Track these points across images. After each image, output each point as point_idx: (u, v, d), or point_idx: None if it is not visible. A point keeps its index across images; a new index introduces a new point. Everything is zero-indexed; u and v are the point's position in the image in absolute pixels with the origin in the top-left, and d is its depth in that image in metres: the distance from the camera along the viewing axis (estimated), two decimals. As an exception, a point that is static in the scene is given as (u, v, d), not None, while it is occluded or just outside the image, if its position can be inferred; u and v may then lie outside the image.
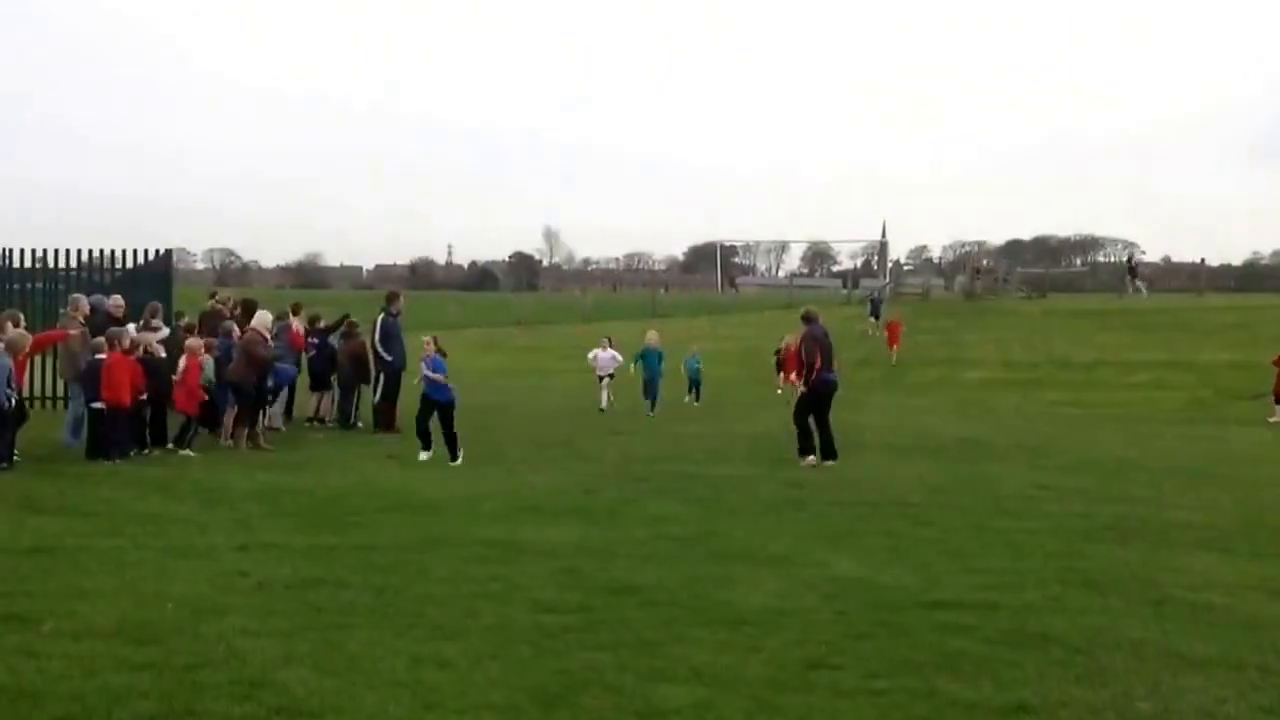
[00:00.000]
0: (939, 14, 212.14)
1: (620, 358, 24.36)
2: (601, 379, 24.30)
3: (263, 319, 16.86)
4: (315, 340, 19.92)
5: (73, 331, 15.45)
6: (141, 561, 8.58)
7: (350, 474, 13.81)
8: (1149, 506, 12.99)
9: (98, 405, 14.27)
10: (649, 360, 24.11)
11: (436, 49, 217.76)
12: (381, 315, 19.36)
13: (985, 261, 66.03)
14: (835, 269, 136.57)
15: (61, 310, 17.22)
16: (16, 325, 14.19)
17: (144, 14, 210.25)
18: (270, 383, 16.99)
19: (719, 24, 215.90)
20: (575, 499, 12.40)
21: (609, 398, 23.93)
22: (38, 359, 17.45)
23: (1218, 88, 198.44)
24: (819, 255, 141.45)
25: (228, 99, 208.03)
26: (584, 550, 9.61)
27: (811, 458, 15.80)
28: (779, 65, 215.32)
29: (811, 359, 15.78)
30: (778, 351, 30.89)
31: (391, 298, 19.94)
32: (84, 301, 16.35)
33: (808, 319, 16.22)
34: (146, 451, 14.96)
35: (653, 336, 24.67)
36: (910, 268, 72.94)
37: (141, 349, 15.16)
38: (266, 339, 16.51)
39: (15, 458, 13.44)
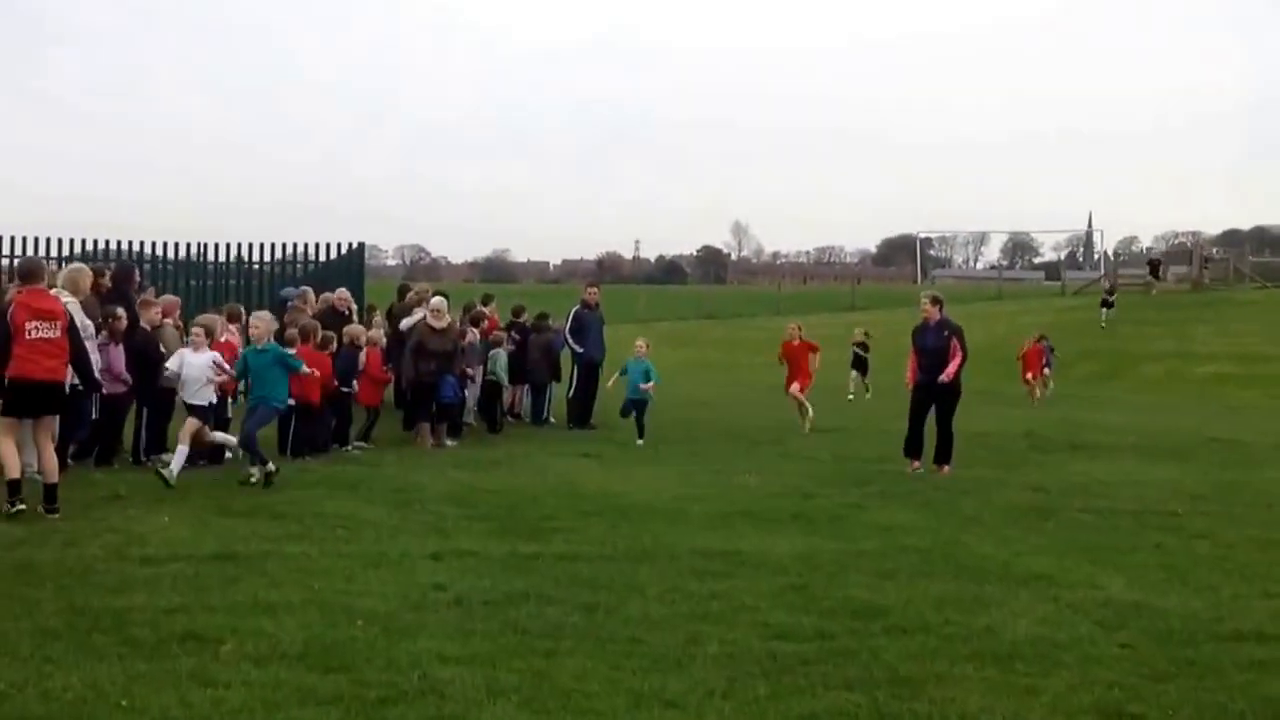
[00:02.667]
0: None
1: (224, 365, 12.45)
2: (191, 408, 12.09)
3: (438, 303, 16.03)
4: (515, 334, 19.18)
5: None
6: (330, 570, 7.88)
7: (546, 473, 13.03)
8: None
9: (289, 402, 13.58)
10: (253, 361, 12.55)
11: (632, 39, 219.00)
12: (576, 306, 18.70)
13: (1215, 250, 62.21)
14: (1036, 260, 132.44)
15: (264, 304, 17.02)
16: (236, 319, 13.86)
17: (339, 43, 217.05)
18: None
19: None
20: (793, 503, 11.37)
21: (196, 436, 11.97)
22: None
23: None
24: (1019, 246, 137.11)
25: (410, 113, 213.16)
26: (811, 563, 8.61)
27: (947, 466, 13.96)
28: (963, 38, 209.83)
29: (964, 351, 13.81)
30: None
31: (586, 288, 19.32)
32: (311, 294, 15.96)
33: (940, 305, 14.32)
34: (341, 448, 14.50)
35: (261, 320, 12.93)
36: (1124, 259, 69.38)
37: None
38: (434, 330, 15.62)
39: (228, 455, 12.93)
